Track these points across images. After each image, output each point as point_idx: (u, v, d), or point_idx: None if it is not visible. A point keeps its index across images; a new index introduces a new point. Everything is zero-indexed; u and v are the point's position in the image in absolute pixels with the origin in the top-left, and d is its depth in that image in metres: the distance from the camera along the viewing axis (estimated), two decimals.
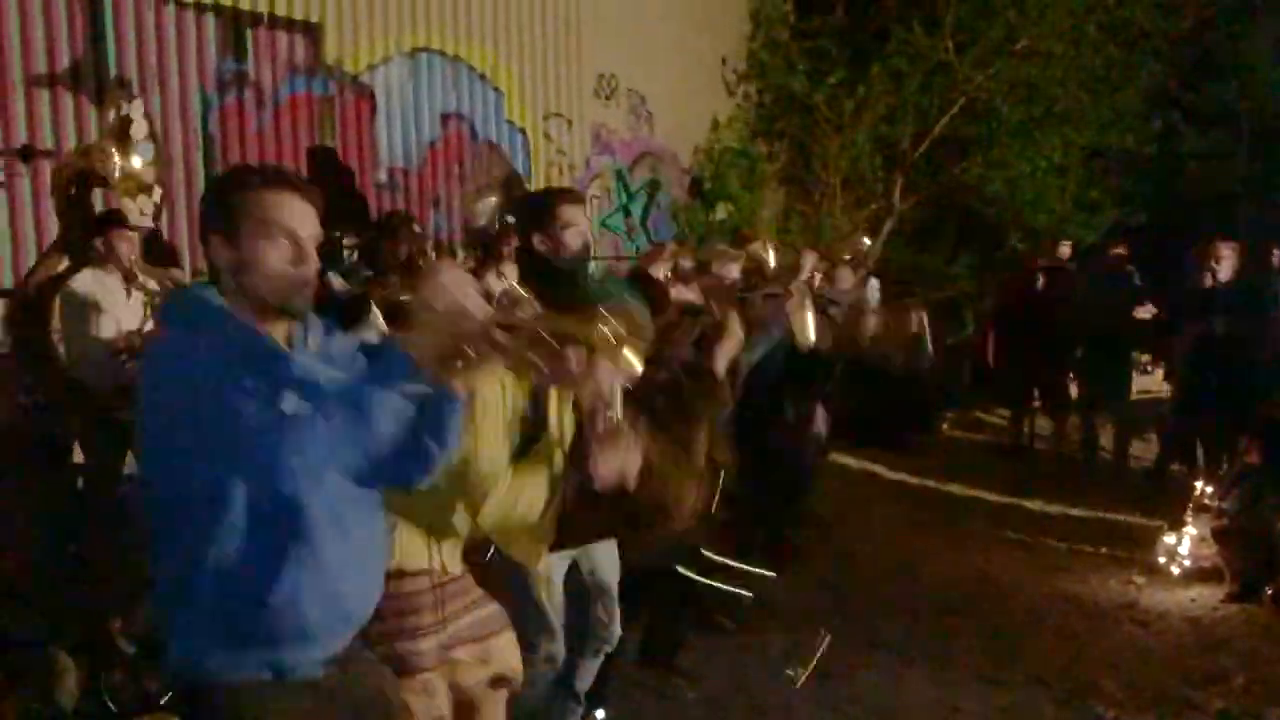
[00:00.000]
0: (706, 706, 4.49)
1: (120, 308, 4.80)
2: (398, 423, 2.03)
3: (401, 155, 7.86)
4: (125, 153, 4.70)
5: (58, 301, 4.55)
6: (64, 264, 4.42)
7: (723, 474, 4.26)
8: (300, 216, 2.13)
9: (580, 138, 9.35)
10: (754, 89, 11.10)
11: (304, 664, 2.17)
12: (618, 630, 3.64)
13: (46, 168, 5.39)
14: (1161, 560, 6.23)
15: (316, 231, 2.16)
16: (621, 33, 9.59)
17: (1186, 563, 6.14)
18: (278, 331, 2.16)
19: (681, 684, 4.60)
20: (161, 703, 3.47)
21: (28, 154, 5.33)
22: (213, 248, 2.13)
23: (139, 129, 4.70)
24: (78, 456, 4.70)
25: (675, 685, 4.59)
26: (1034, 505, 7.81)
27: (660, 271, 5.04)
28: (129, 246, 4.83)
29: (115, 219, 4.85)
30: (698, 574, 4.59)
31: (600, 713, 3.92)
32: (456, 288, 2.07)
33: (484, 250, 4.19)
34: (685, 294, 4.63)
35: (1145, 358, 9.87)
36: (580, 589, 3.52)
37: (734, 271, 5.70)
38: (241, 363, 2.01)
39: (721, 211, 10.11)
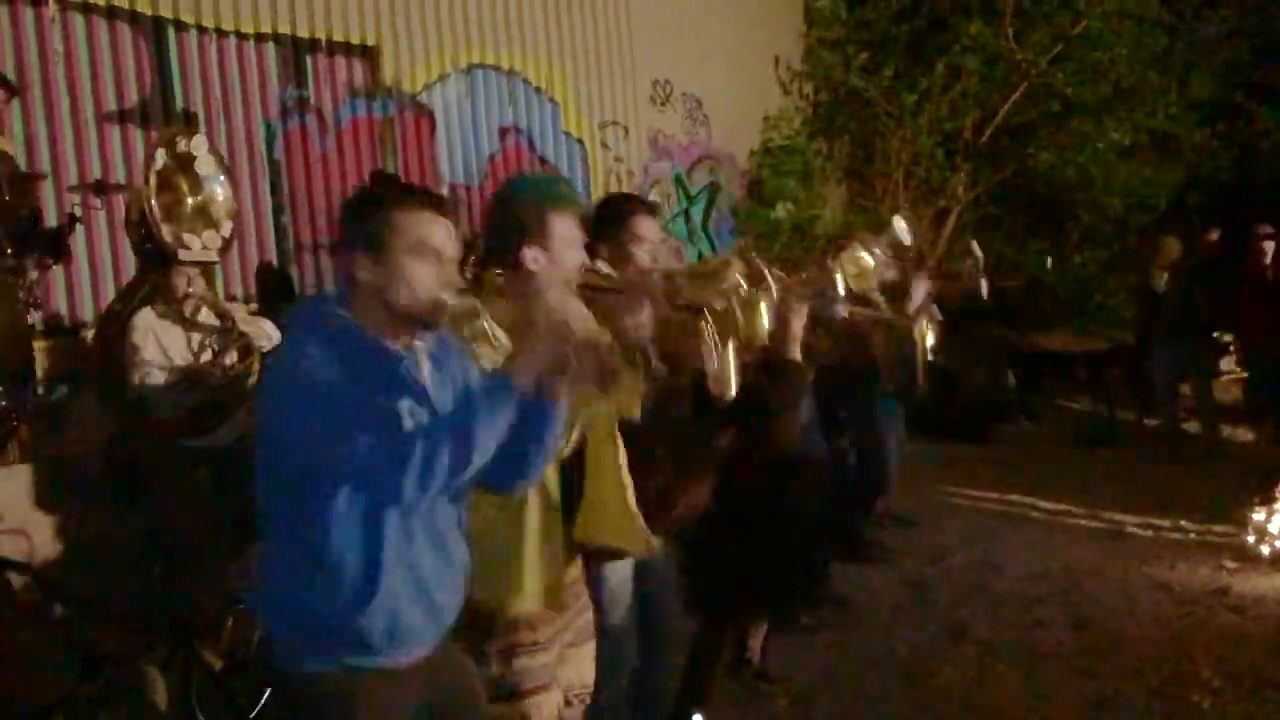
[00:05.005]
0: (794, 707, 4.44)
1: (177, 340, 4.86)
2: (499, 437, 2.09)
3: (462, 172, 7.93)
4: (193, 188, 4.81)
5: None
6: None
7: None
8: (446, 237, 2.20)
9: (637, 144, 9.36)
10: (810, 87, 11.02)
11: (401, 661, 2.23)
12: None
13: (120, 201, 5.53)
14: (1251, 539, 6.04)
15: (456, 251, 2.23)
16: (675, 38, 9.59)
17: (1278, 543, 5.94)
18: (400, 344, 2.22)
19: (769, 685, 4.56)
20: (250, 717, 3.53)
21: (102, 188, 5.45)
22: (355, 264, 2.16)
23: (204, 164, 4.80)
24: None
25: (763, 686, 4.54)
26: (1117, 492, 7.62)
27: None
28: (184, 282, 4.89)
29: (170, 255, 4.91)
30: None
31: (697, 716, 3.90)
32: (559, 303, 2.14)
33: None
34: None
35: (1229, 337, 9.52)
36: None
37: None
38: (357, 367, 2.09)
39: (780, 210, 10.03)
